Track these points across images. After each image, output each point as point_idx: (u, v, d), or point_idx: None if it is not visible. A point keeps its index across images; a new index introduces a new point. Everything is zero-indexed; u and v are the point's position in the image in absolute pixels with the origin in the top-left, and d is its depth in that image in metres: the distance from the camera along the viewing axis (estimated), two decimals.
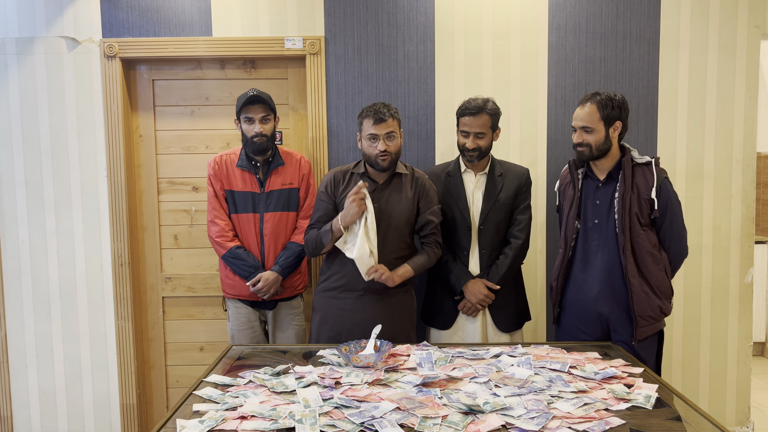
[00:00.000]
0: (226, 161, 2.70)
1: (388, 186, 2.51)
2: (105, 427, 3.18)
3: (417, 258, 2.53)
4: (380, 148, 2.41)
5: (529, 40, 3.02)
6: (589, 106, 2.36)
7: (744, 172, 3.07)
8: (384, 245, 2.47)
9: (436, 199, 2.57)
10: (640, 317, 2.35)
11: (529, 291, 2.94)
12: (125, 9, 3.02)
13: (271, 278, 2.64)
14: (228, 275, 2.72)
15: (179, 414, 1.72)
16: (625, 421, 1.63)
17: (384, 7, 3.01)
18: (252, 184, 2.69)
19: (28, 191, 3.09)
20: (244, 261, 2.64)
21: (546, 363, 2.03)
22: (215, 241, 2.68)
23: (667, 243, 2.40)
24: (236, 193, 2.69)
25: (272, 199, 2.68)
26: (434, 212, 2.55)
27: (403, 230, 2.52)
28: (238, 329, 2.76)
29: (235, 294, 2.73)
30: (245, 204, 2.68)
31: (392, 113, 2.44)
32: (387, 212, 2.48)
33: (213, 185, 2.70)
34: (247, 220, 2.69)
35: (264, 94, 2.62)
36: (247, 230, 2.69)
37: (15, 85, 3.05)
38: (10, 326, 3.14)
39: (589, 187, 2.46)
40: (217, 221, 2.68)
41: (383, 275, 2.40)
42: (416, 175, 2.57)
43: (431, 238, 2.56)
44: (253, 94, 2.60)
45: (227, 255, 2.65)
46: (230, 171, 2.69)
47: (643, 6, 3.01)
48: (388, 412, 1.66)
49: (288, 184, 2.70)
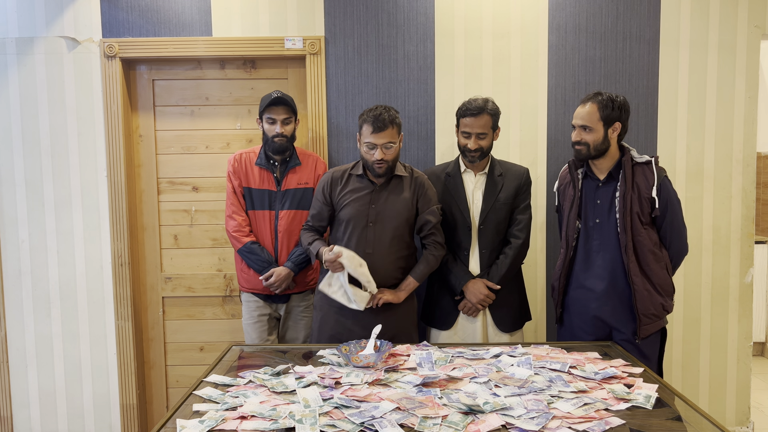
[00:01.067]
0: (246, 159, 2.77)
1: (386, 187, 2.52)
2: (105, 427, 3.18)
3: (418, 267, 2.55)
4: (377, 156, 2.42)
5: (529, 40, 3.02)
6: (590, 105, 2.37)
7: (744, 172, 3.07)
8: (383, 246, 2.48)
9: (435, 199, 2.58)
10: (643, 315, 2.36)
11: (530, 291, 2.94)
12: (125, 9, 3.02)
13: (283, 273, 2.69)
14: (243, 269, 2.78)
15: (179, 414, 1.72)
16: (625, 421, 1.63)
17: (384, 7, 3.01)
18: (269, 182, 2.75)
19: (28, 191, 3.09)
20: (258, 256, 2.71)
21: (546, 363, 2.03)
22: (232, 236, 2.75)
23: (667, 241, 2.41)
24: (254, 191, 2.75)
25: (288, 198, 2.74)
26: (432, 212, 2.55)
27: (402, 231, 2.52)
28: (250, 322, 2.81)
29: (249, 287, 2.79)
30: (262, 201, 2.75)
31: (392, 119, 2.43)
32: (385, 213, 2.49)
33: (232, 181, 2.77)
34: (262, 216, 2.75)
35: (287, 97, 2.70)
36: (262, 226, 2.75)
37: (15, 85, 3.05)
38: (10, 326, 3.14)
39: (589, 186, 2.46)
40: (234, 216, 2.74)
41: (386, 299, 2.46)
42: (415, 175, 2.57)
43: (431, 239, 2.56)
44: (277, 96, 2.67)
45: (243, 249, 2.72)
46: (249, 168, 2.76)
47: (643, 6, 3.01)
48: (388, 412, 1.66)
49: (304, 183, 2.77)
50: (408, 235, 2.56)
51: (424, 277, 2.56)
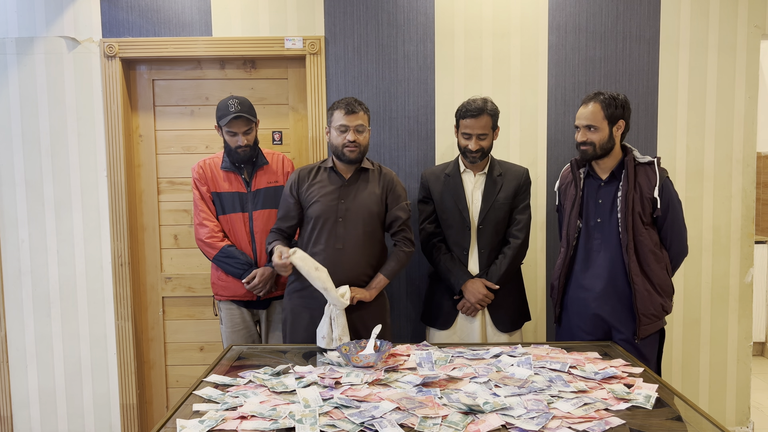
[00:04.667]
0: (210, 165, 2.73)
1: (355, 182, 2.51)
2: (105, 427, 3.18)
3: (389, 264, 2.53)
4: (350, 138, 2.43)
5: (529, 40, 3.02)
6: (593, 104, 2.37)
7: (744, 172, 3.07)
8: (354, 242, 2.46)
9: (404, 195, 2.58)
10: (643, 315, 2.36)
11: (529, 291, 2.94)
12: (125, 9, 3.02)
13: (266, 273, 2.64)
14: (220, 277, 2.72)
15: (179, 414, 1.72)
16: (625, 421, 1.63)
17: (384, 7, 3.01)
18: (238, 185, 2.71)
19: (28, 191, 3.09)
20: (237, 259, 2.65)
21: (546, 363, 2.03)
22: (205, 243, 2.67)
23: (668, 242, 2.41)
24: (223, 195, 2.70)
25: (260, 198, 2.71)
26: (402, 208, 2.54)
27: (373, 227, 2.50)
28: (232, 331, 2.75)
29: (228, 295, 2.73)
30: (233, 204, 2.70)
31: (363, 108, 2.49)
32: (354, 208, 2.47)
33: (199, 188, 2.71)
34: (236, 219, 2.70)
35: (245, 108, 2.61)
36: (237, 229, 2.70)
37: (15, 85, 3.05)
38: (10, 326, 3.14)
39: (591, 186, 2.46)
40: (205, 222, 2.68)
41: (357, 297, 2.41)
42: (383, 171, 2.57)
43: (401, 235, 2.55)
44: (235, 111, 2.57)
45: (219, 255, 2.65)
46: (215, 174, 2.71)
47: (643, 6, 3.01)
48: (388, 412, 1.66)
49: (274, 182, 2.74)
50: (379, 232, 2.54)
51: (395, 274, 2.53)
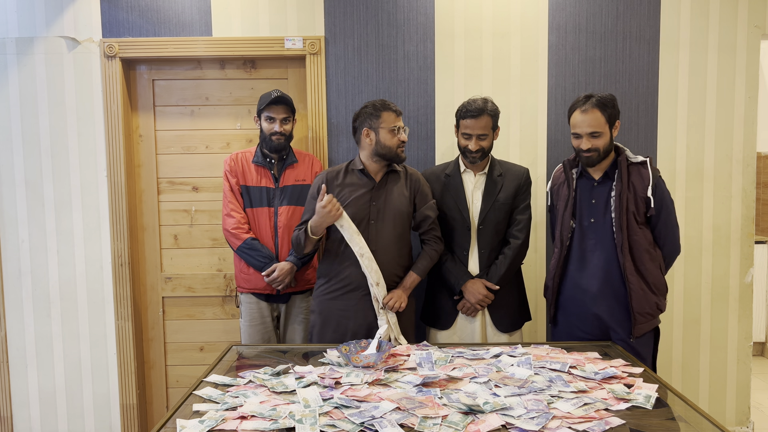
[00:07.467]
0: (242, 158, 2.79)
1: (385, 184, 2.53)
2: (105, 427, 3.18)
3: (421, 263, 2.55)
4: (402, 138, 2.48)
5: (529, 40, 3.02)
6: (593, 110, 2.33)
7: (744, 172, 3.07)
8: (386, 243, 2.48)
9: (430, 194, 2.60)
10: (638, 314, 2.36)
11: (529, 291, 2.94)
12: (125, 9, 3.02)
13: (286, 268, 2.68)
14: (243, 269, 2.77)
15: (179, 414, 1.72)
16: (625, 421, 1.63)
17: (384, 7, 3.01)
18: (267, 180, 2.77)
19: (28, 191, 3.09)
20: (260, 251, 2.70)
21: (546, 363, 2.03)
22: (231, 233, 2.72)
23: (661, 240, 2.41)
24: (251, 188, 2.76)
25: (286, 194, 2.76)
26: (431, 207, 2.57)
27: (403, 227, 2.53)
28: (250, 324, 2.79)
29: (249, 288, 2.78)
30: (260, 198, 2.76)
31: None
32: (386, 210, 2.49)
33: (229, 180, 2.77)
34: (261, 213, 2.75)
35: (287, 96, 2.72)
36: (262, 223, 2.75)
37: (15, 85, 3.05)
38: (10, 326, 3.14)
39: (584, 186, 2.46)
40: (233, 214, 2.74)
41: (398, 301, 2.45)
42: (409, 171, 2.60)
43: (431, 234, 2.58)
44: (278, 95, 2.69)
45: (243, 246, 2.70)
46: (245, 167, 2.77)
47: (643, 6, 3.01)
48: (388, 412, 1.66)
49: (301, 180, 2.79)
50: (407, 232, 2.57)
51: (426, 272, 2.57)
